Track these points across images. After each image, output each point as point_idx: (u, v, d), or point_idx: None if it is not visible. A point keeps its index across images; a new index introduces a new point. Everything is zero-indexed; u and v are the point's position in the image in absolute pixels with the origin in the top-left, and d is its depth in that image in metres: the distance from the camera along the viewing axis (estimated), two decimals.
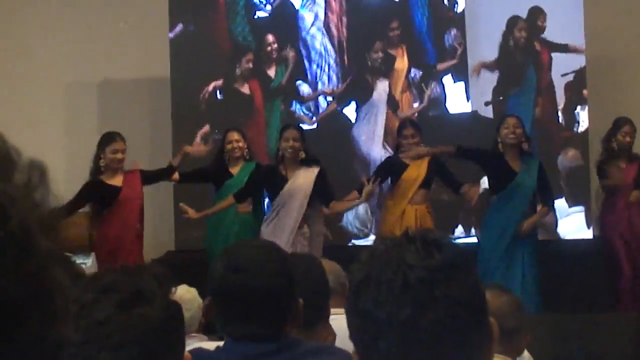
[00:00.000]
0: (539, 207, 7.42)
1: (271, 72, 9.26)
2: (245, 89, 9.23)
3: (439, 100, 9.12)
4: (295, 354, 2.21)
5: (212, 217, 7.68)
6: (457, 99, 9.10)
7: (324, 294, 2.64)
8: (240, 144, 7.78)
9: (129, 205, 7.48)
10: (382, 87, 9.10)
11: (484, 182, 7.95)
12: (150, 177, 7.71)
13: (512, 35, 8.98)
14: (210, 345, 2.45)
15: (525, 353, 3.27)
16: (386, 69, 9.11)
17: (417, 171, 7.48)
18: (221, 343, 2.34)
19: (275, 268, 2.28)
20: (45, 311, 0.82)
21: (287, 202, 7.10)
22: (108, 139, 7.56)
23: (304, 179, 7.12)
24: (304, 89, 9.21)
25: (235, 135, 7.82)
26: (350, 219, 8.94)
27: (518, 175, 7.21)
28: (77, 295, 1.50)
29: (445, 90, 9.11)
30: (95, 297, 1.49)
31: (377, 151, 9.02)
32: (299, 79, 9.22)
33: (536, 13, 8.94)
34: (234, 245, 2.56)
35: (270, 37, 9.21)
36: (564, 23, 8.93)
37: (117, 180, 7.48)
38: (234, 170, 7.81)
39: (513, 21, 8.98)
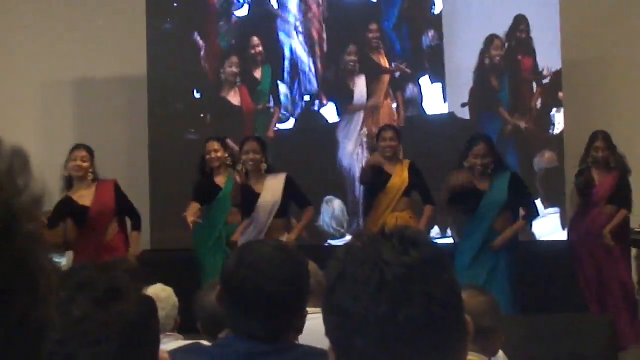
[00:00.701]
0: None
1: (257, 75, 9.25)
2: (233, 97, 9.20)
3: (416, 101, 9.14)
4: (291, 356, 2.21)
5: (200, 223, 7.40)
6: (434, 100, 9.13)
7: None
8: (219, 154, 7.63)
9: (100, 222, 7.28)
10: (360, 89, 9.11)
11: None
12: (124, 206, 7.44)
13: (488, 53, 9.03)
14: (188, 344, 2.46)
15: (500, 353, 3.29)
16: (362, 72, 9.12)
17: (400, 179, 7.48)
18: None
19: (288, 274, 2.29)
20: (30, 293, 0.82)
21: (261, 216, 7.13)
22: (71, 150, 7.45)
23: (272, 193, 7.15)
24: (282, 89, 9.21)
25: (214, 145, 7.68)
26: (326, 220, 8.95)
27: (485, 195, 7.19)
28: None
29: (422, 92, 9.13)
30: (71, 294, 1.48)
31: (358, 153, 9.02)
32: (277, 80, 9.22)
33: (519, 22, 8.99)
34: (253, 243, 2.62)
35: (255, 39, 9.19)
36: (540, 26, 8.97)
37: (87, 195, 7.29)
38: (220, 180, 7.68)
39: (490, 40, 9.02)
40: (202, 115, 9.24)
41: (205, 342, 2.46)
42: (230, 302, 2.30)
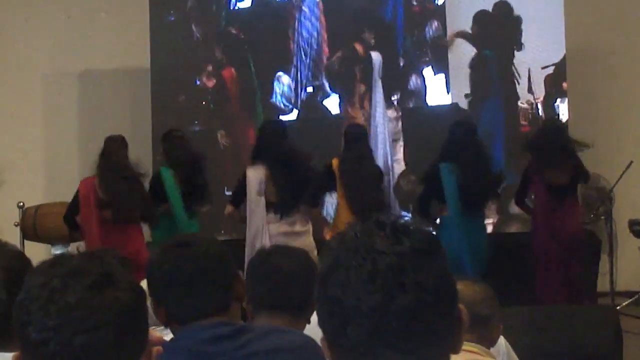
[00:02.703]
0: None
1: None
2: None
3: (419, 92, 9.13)
4: (250, 335, 2.24)
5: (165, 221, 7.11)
6: (437, 91, 9.11)
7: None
8: None
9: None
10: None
11: None
12: None
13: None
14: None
15: (503, 341, 3.29)
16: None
17: None
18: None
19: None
20: None
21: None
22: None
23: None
24: (284, 80, 9.20)
25: None
26: (330, 212, 8.94)
27: None
28: (43, 281, 1.49)
29: (426, 82, 9.12)
30: (64, 281, 1.48)
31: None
32: (280, 71, 9.22)
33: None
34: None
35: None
36: (545, 16, 8.95)
37: None
38: None
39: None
40: (203, 103, 9.26)
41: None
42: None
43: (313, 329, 1.61)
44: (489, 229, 8.13)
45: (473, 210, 7.07)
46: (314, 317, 1.32)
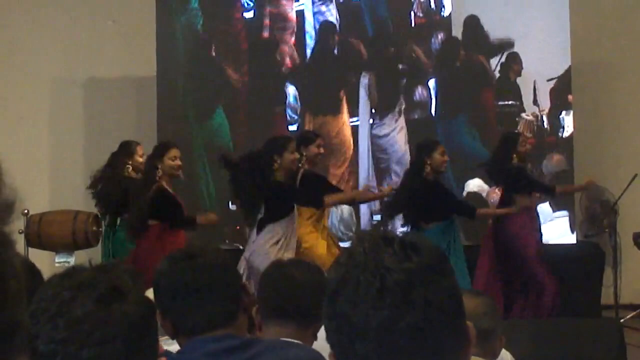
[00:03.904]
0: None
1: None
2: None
3: (425, 104, 9.13)
4: (256, 349, 2.24)
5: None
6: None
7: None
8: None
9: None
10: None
11: None
12: None
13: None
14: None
15: (508, 355, 3.28)
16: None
17: None
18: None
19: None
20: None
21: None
22: (164, 147, 7.11)
23: None
24: (290, 90, 9.21)
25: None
26: (335, 222, 8.94)
27: None
28: (52, 293, 1.49)
29: (431, 94, 9.13)
30: (72, 294, 1.49)
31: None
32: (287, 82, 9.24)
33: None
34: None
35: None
36: (550, 28, 8.96)
37: (175, 194, 7.02)
38: None
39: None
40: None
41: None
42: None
43: (321, 344, 1.61)
44: None
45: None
46: (322, 332, 1.32)
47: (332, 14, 9.22)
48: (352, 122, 9.13)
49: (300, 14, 9.26)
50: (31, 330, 1.46)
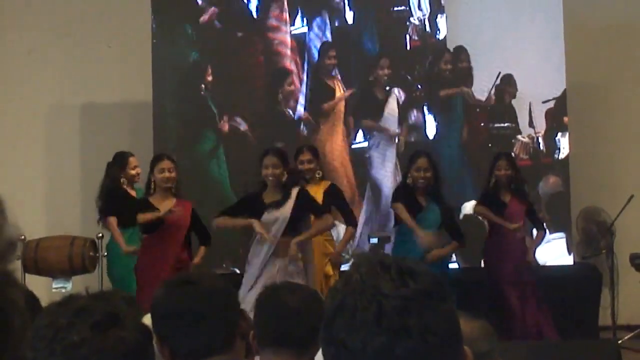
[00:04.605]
0: None
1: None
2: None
3: (419, 126, 9.16)
4: None
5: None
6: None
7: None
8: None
9: (174, 234, 7.07)
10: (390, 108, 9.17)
11: None
12: (197, 226, 7.32)
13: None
14: None
15: None
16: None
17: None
18: None
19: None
20: (3, 331, 0.82)
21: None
22: (154, 160, 7.25)
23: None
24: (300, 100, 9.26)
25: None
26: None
27: (422, 211, 7.23)
28: (49, 320, 1.50)
29: (425, 117, 9.17)
30: (69, 320, 1.49)
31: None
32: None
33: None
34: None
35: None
36: (545, 50, 9.00)
37: (168, 205, 7.03)
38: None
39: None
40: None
41: None
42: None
43: None
44: None
45: None
46: (319, 357, 1.32)
47: (327, 38, 9.26)
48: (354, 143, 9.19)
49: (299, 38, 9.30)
50: (29, 357, 1.46)
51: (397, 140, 9.13)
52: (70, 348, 1.46)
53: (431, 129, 9.17)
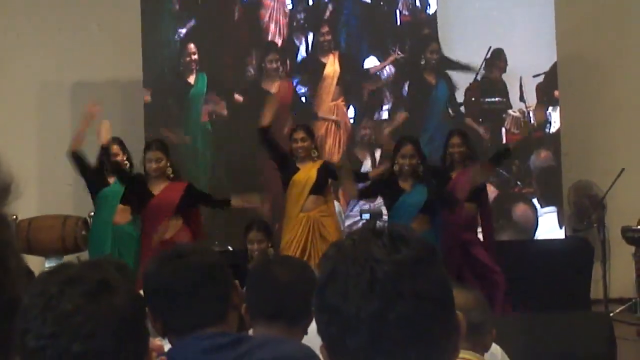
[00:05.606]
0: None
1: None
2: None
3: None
4: (246, 347, 2.25)
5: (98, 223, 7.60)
6: None
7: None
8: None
9: (156, 215, 7.15)
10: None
11: None
12: (199, 196, 7.47)
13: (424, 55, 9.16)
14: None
15: (498, 349, 3.29)
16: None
17: (305, 175, 7.37)
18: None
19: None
20: (2, 272, 0.82)
21: None
22: (145, 149, 7.43)
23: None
24: None
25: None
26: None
27: (404, 194, 7.17)
28: (40, 289, 1.49)
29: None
30: (60, 289, 1.48)
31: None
32: None
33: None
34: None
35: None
36: (535, 24, 8.98)
37: (158, 189, 7.22)
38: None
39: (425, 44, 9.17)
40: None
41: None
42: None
43: (312, 338, 1.62)
44: None
45: None
46: (313, 327, 1.33)
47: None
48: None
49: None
50: (21, 327, 1.45)
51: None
52: (62, 316, 1.46)
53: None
